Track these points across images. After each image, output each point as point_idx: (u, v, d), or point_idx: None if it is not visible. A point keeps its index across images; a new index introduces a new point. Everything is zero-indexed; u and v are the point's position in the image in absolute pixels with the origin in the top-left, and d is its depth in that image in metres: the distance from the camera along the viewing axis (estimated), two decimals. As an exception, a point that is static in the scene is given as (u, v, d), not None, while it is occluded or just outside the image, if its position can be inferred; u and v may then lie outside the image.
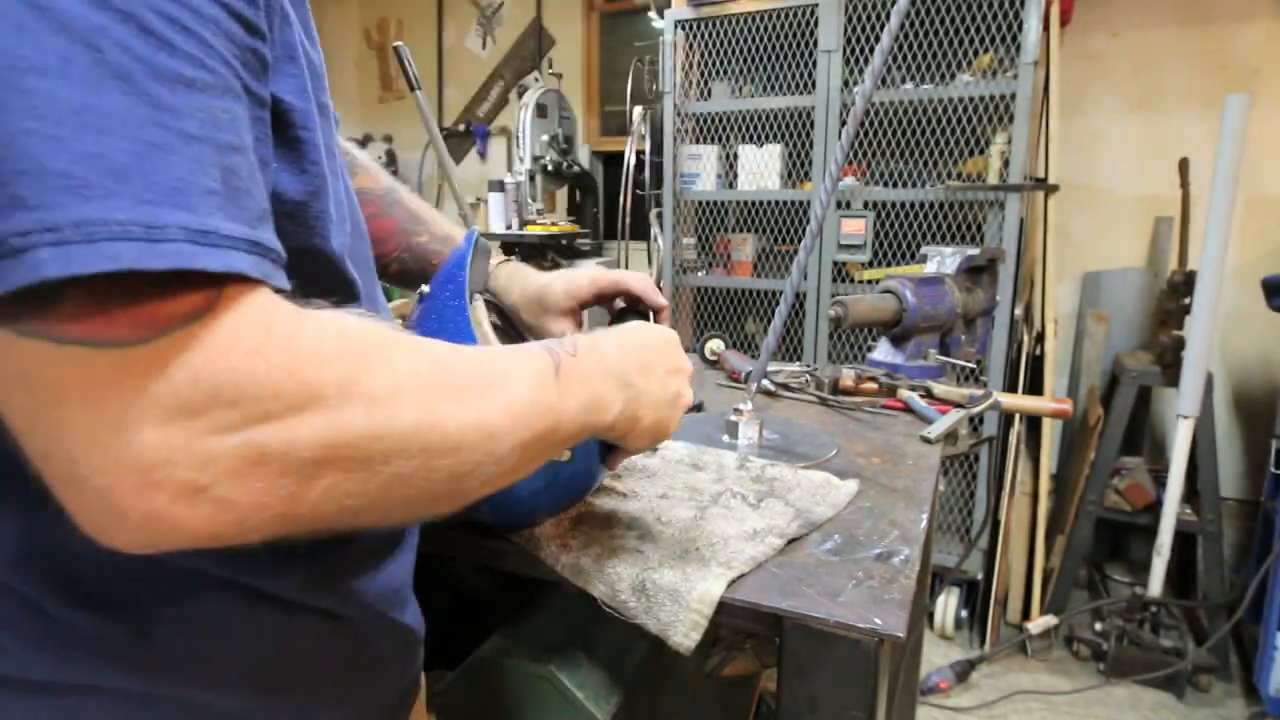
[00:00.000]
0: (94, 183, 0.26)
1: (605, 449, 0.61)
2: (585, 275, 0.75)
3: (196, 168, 0.28)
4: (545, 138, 2.79)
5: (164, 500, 0.28)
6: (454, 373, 0.38)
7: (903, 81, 2.17)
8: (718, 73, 2.49)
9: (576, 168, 2.94)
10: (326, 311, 0.34)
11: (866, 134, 2.24)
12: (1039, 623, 2.18)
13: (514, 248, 2.79)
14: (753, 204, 2.49)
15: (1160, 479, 2.20)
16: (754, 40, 2.35)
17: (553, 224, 2.83)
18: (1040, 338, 2.27)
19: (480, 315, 0.60)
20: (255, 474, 0.30)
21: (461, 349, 0.40)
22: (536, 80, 2.86)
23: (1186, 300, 2.14)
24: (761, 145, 2.38)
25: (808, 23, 2.23)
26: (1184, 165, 2.26)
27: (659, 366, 0.55)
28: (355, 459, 0.32)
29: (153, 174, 0.27)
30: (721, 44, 2.40)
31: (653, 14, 2.65)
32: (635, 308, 0.78)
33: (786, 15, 2.24)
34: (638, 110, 2.76)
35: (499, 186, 2.87)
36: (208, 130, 0.29)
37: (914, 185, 2.21)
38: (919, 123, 2.19)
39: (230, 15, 0.31)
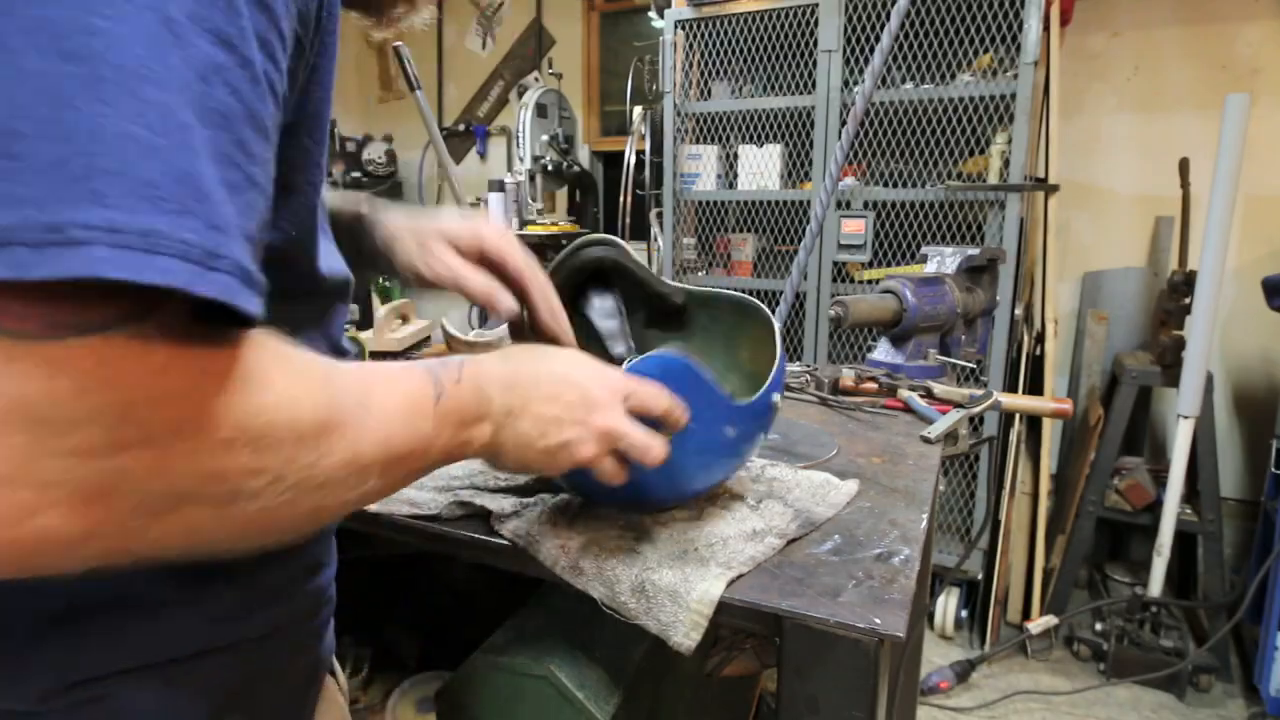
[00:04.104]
0: (172, 198, 0.26)
1: None
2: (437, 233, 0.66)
3: (248, 213, 0.30)
4: (545, 138, 2.79)
5: None
6: (335, 405, 0.36)
7: (903, 81, 2.17)
8: (718, 73, 2.48)
9: (576, 168, 2.93)
10: (258, 336, 0.31)
11: (866, 134, 2.24)
12: (1039, 623, 2.18)
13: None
14: (753, 204, 2.49)
15: (1160, 479, 2.20)
16: (754, 40, 2.35)
17: (553, 224, 2.82)
18: (1040, 338, 2.27)
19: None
20: (100, 504, 0.26)
21: (344, 370, 0.38)
22: (536, 80, 2.86)
23: (1186, 300, 2.13)
24: (761, 145, 2.38)
25: (808, 23, 2.23)
26: (1184, 165, 2.25)
27: (560, 407, 0.50)
28: (224, 494, 0.30)
29: (220, 207, 0.28)
30: (721, 44, 2.40)
31: (653, 14, 2.65)
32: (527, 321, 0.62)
33: (786, 15, 2.24)
34: (638, 110, 2.76)
35: (499, 186, 2.87)
36: (265, 182, 0.31)
37: (914, 185, 2.20)
38: (919, 123, 2.19)
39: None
